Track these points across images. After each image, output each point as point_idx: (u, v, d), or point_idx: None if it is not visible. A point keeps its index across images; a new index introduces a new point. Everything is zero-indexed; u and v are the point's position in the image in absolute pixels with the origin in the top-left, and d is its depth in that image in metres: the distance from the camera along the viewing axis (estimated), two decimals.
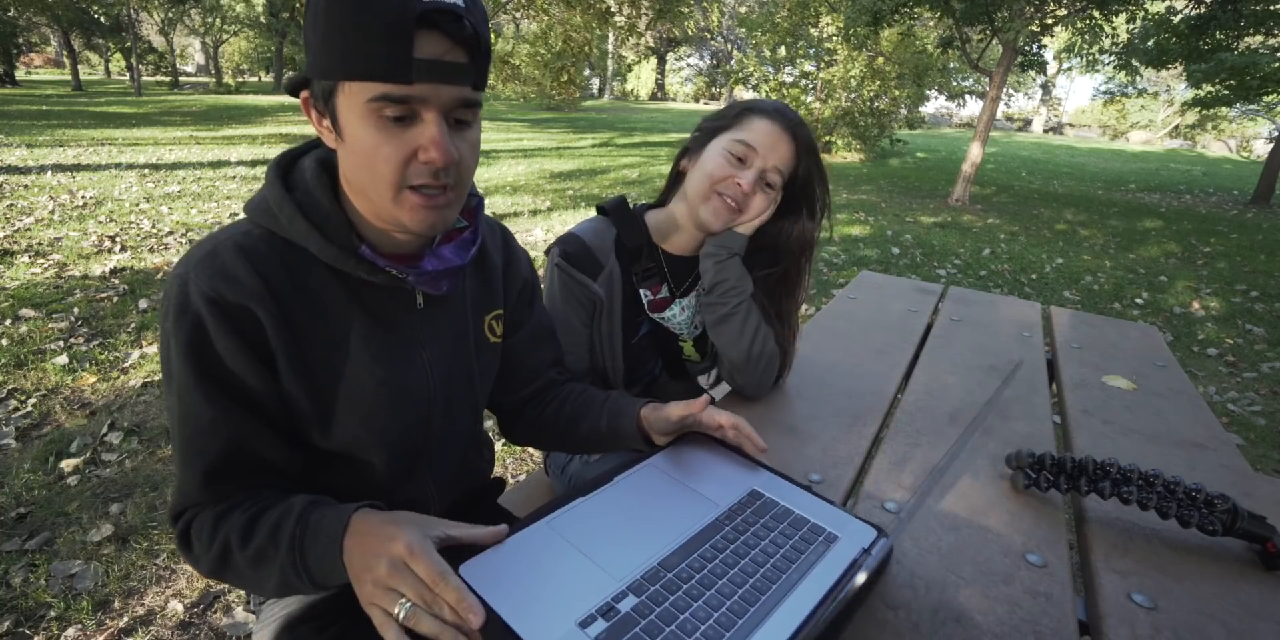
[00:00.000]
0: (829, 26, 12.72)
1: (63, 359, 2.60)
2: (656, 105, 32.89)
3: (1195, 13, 9.26)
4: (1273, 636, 0.71)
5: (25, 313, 3.00)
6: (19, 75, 23.04)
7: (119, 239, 4.24)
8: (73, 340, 2.78)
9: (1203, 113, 17.34)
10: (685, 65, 44.18)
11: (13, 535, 1.69)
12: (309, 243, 0.65)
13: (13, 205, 4.87)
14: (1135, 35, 10.28)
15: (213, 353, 0.63)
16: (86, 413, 2.28)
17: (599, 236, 1.12)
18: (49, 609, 1.48)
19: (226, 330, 0.63)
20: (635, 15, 15.77)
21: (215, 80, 27.64)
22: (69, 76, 22.00)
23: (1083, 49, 9.57)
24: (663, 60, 41.43)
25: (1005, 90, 10.66)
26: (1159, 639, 0.69)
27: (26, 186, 5.54)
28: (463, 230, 0.77)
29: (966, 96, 16.75)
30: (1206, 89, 11.25)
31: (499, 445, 2.21)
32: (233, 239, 0.65)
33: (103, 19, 20.98)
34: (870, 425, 1.10)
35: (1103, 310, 4.45)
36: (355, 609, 0.83)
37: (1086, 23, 8.47)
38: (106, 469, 1.99)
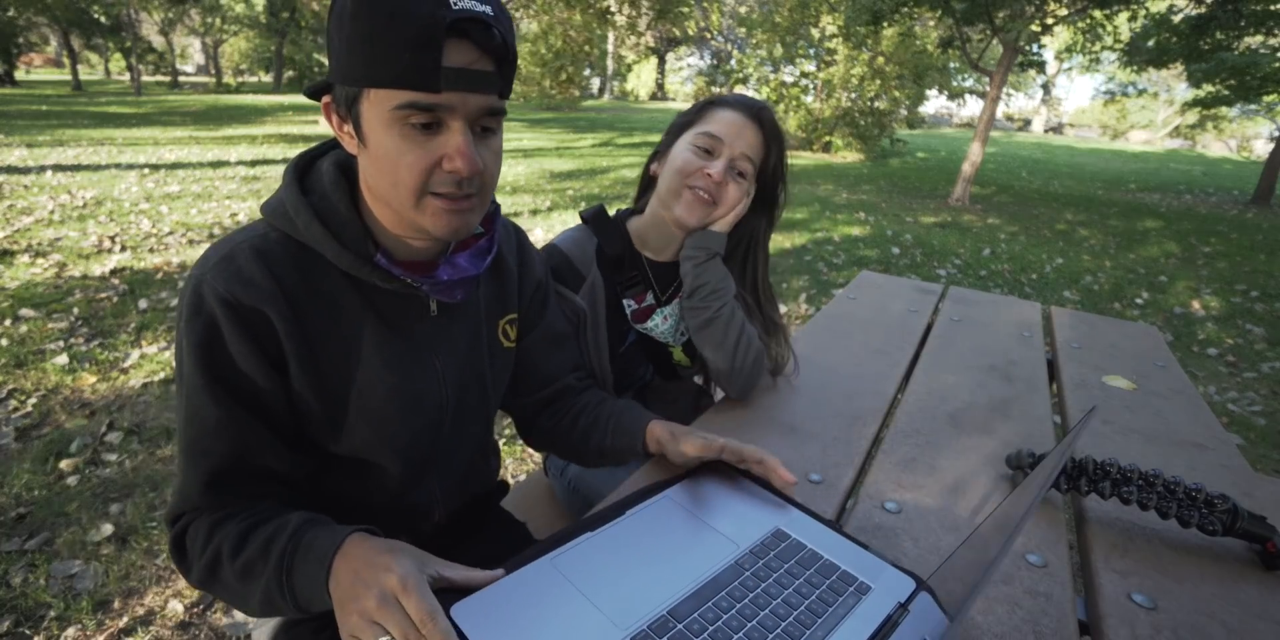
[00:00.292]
0: (829, 26, 12.73)
1: (63, 359, 2.60)
2: (656, 105, 32.88)
3: (1195, 12, 9.26)
4: (1273, 636, 0.71)
5: (25, 313, 3.00)
6: (19, 75, 23.04)
7: (119, 239, 4.24)
8: (73, 340, 2.78)
9: (1203, 113, 17.32)
10: (685, 65, 44.16)
11: (13, 535, 1.69)
12: (324, 248, 0.65)
13: (13, 205, 4.87)
14: (1136, 35, 10.29)
15: (224, 355, 0.63)
16: (86, 413, 2.28)
17: (579, 247, 1.10)
18: (49, 609, 1.48)
19: (240, 333, 0.63)
20: (635, 15, 15.76)
21: (215, 80, 27.63)
22: (69, 76, 22.00)
23: (1084, 48, 9.58)
24: (663, 60, 41.42)
25: (1005, 90, 10.67)
26: (1159, 639, 0.69)
27: (26, 186, 5.54)
28: (479, 237, 0.76)
29: (966, 96, 16.72)
30: (1207, 89, 11.27)
31: (500, 444, 2.20)
32: (249, 242, 0.65)
33: (103, 19, 20.97)
34: (870, 425, 1.10)
35: (1103, 310, 4.45)
36: None
37: (1087, 22, 8.48)
38: (106, 469, 1.99)
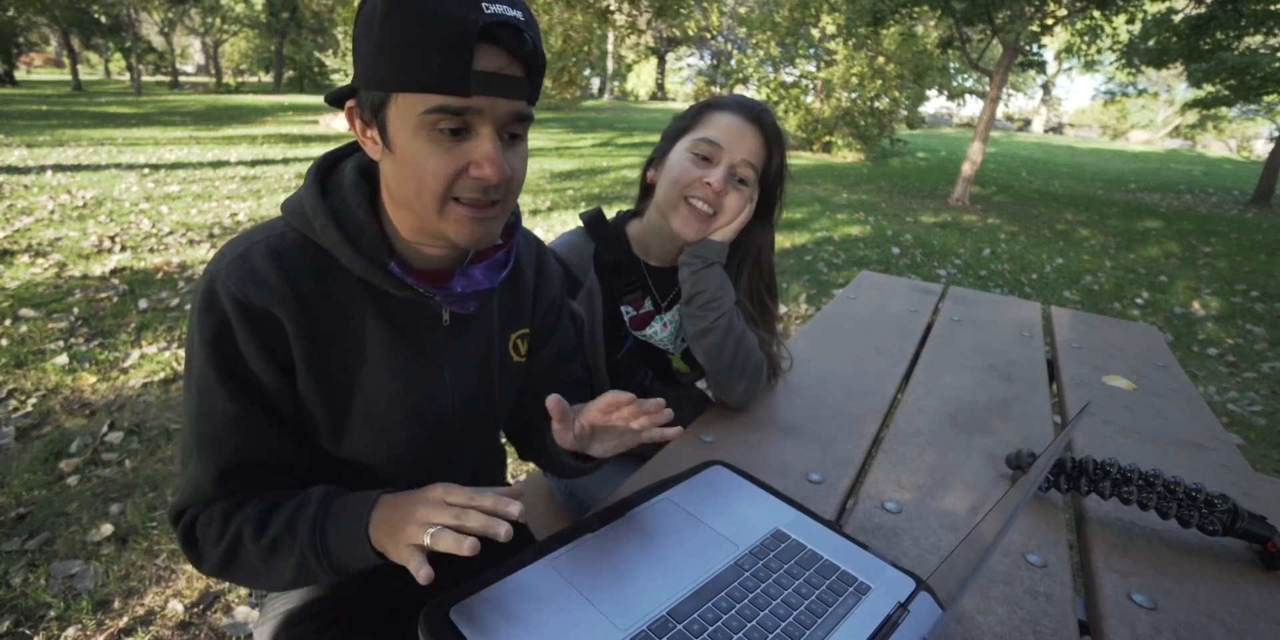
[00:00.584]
0: (829, 26, 12.73)
1: (63, 359, 2.60)
2: (656, 105, 32.88)
3: (1196, 12, 9.26)
4: (1273, 636, 0.71)
5: (25, 313, 3.00)
6: (20, 75, 23.03)
7: (119, 239, 4.24)
8: (73, 340, 2.78)
9: (1203, 113, 17.32)
10: (685, 65, 44.16)
11: (13, 535, 1.69)
12: (339, 252, 0.65)
13: (13, 205, 4.87)
14: (1135, 35, 10.29)
15: (236, 350, 0.63)
16: (86, 413, 2.28)
17: (576, 252, 1.07)
18: (49, 609, 1.48)
19: (250, 332, 0.63)
20: (635, 14, 15.74)
21: (215, 80, 27.62)
22: (69, 76, 22.00)
23: (1081, 50, 9.58)
24: (663, 60, 41.42)
25: (1005, 90, 10.67)
26: (1159, 639, 0.69)
27: (26, 186, 5.54)
28: (497, 249, 0.75)
29: (966, 96, 16.70)
30: (1207, 89, 11.28)
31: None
32: (266, 242, 0.65)
33: (102, 19, 20.96)
34: (870, 425, 1.10)
35: (1103, 310, 4.45)
36: (357, 609, 0.83)
37: (1086, 23, 8.48)
38: (106, 469, 1.99)
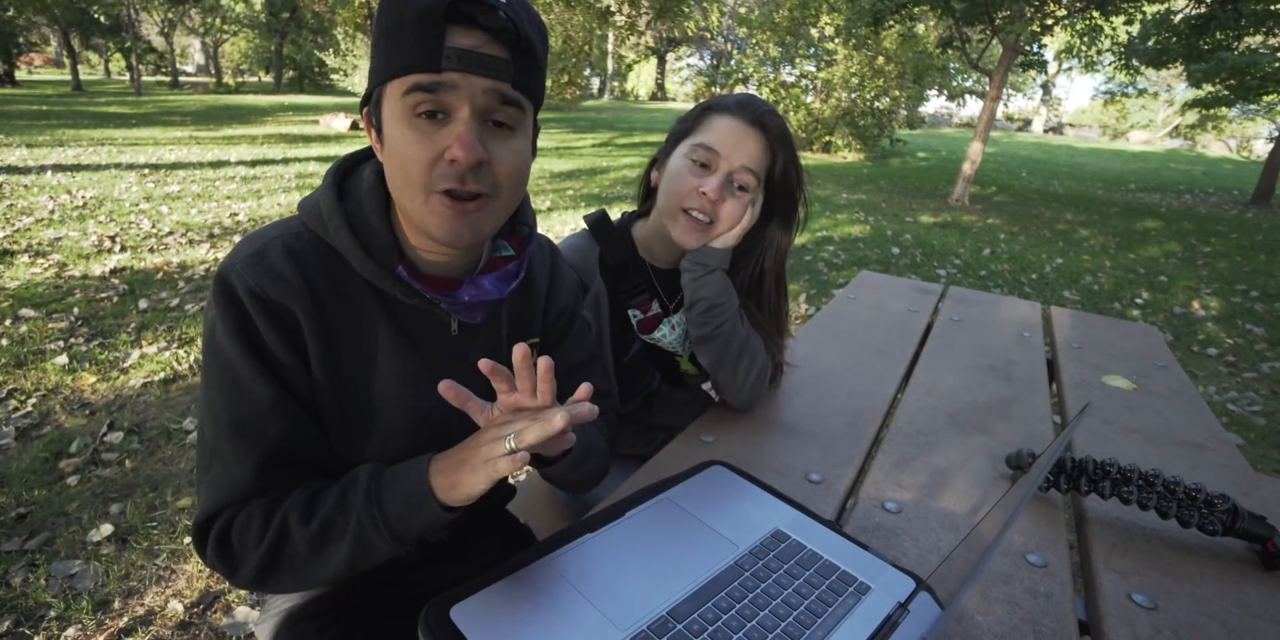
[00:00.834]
0: (828, 27, 12.73)
1: (63, 359, 2.60)
2: (656, 105, 32.88)
3: (1195, 12, 9.26)
4: (1273, 636, 0.71)
5: (25, 313, 3.00)
6: (21, 75, 23.03)
7: (119, 239, 4.24)
8: (73, 340, 2.78)
9: (1203, 113, 17.33)
10: (685, 65, 44.16)
11: (13, 535, 1.69)
12: (350, 256, 0.65)
13: (13, 205, 4.87)
14: (1135, 36, 10.29)
15: (261, 340, 0.63)
16: (86, 413, 2.28)
17: (582, 255, 1.05)
18: (49, 609, 1.48)
19: (269, 324, 0.63)
20: (635, 15, 15.74)
21: (215, 80, 27.63)
22: (69, 76, 21.99)
23: (1080, 51, 9.59)
24: (663, 60, 41.42)
25: (1005, 90, 10.67)
26: (1159, 639, 0.69)
27: (26, 186, 5.54)
28: (509, 260, 0.73)
29: (966, 96, 16.70)
30: (1207, 89, 11.28)
31: None
32: (282, 239, 0.65)
33: (102, 19, 20.96)
34: (870, 425, 1.10)
35: (1103, 310, 4.45)
36: (358, 608, 0.83)
37: (1086, 23, 8.48)
38: (106, 469, 1.99)
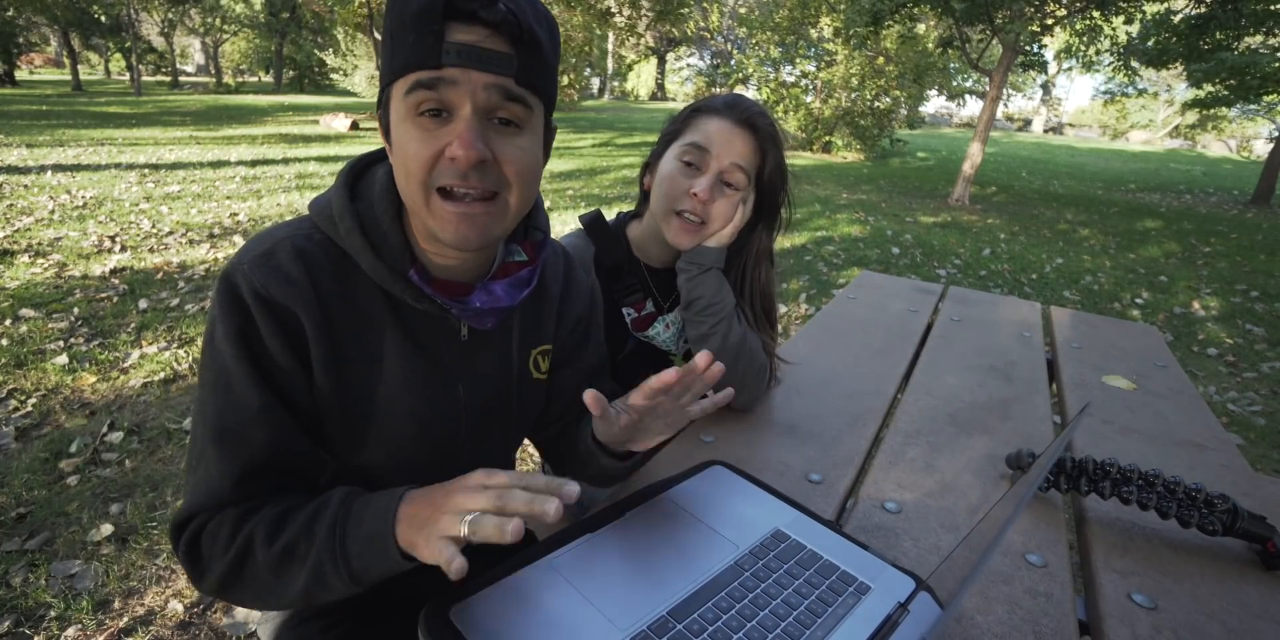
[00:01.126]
0: (827, 27, 12.73)
1: (63, 359, 2.60)
2: (656, 105, 32.87)
3: (1195, 12, 9.26)
4: (1273, 636, 0.71)
5: (25, 313, 3.00)
6: (22, 75, 23.03)
7: (119, 239, 4.24)
8: (73, 340, 2.78)
9: (1203, 113, 17.33)
10: (685, 65, 44.14)
11: (13, 535, 1.69)
12: (361, 259, 0.64)
13: (13, 205, 4.87)
14: (1134, 36, 10.29)
15: (262, 344, 0.62)
16: (86, 413, 2.28)
17: (577, 254, 1.06)
18: (49, 609, 1.48)
19: (272, 326, 0.62)
20: (635, 16, 15.74)
21: (215, 80, 27.64)
22: (69, 76, 21.99)
23: (1079, 51, 9.58)
24: (663, 60, 41.41)
25: (1005, 90, 10.66)
26: (1159, 639, 0.69)
27: (26, 186, 5.54)
28: (522, 265, 0.72)
29: (966, 96, 16.72)
30: (1207, 89, 11.27)
31: None
32: (291, 240, 0.64)
33: (103, 19, 20.96)
34: (870, 425, 1.10)
35: (1103, 310, 4.45)
36: (363, 608, 0.83)
37: (1086, 23, 8.48)
38: (106, 469, 1.99)
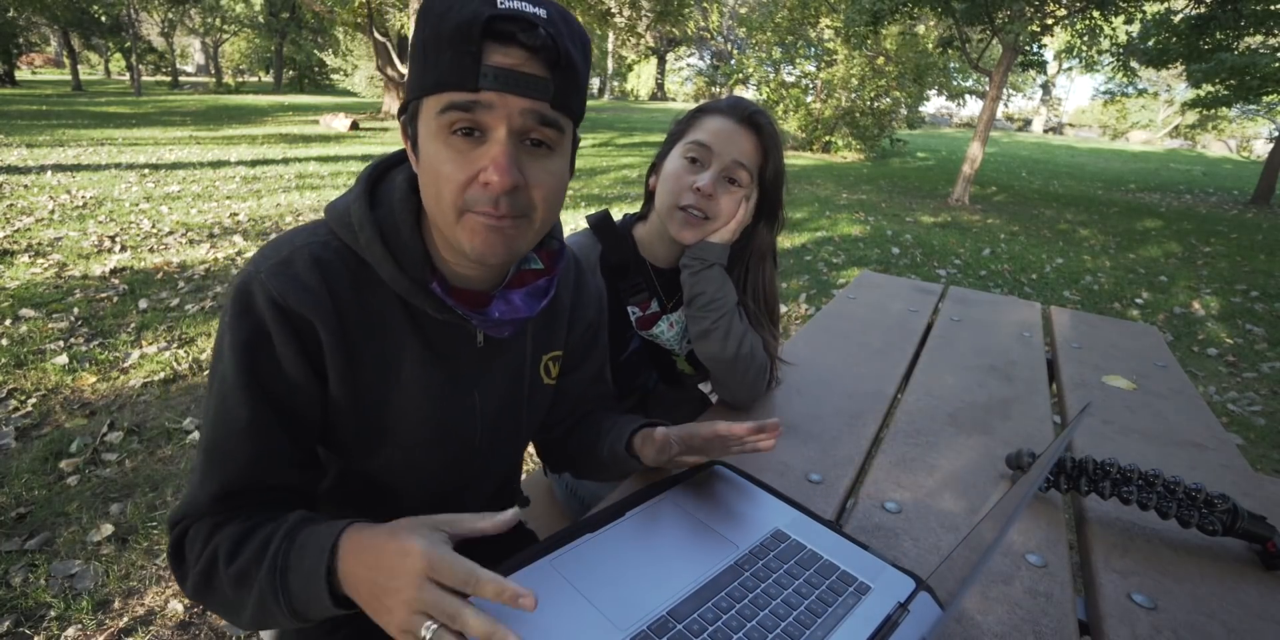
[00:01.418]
0: (827, 28, 12.73)
1: (63, 359, 2.60)
2: (656, 105, 32.86)
3: (1195, 12, 9.26)
4: (1273, 636, 0.71)
5: (25, 313, 3.00)
6: (22, 75, 23.03)
7: (119, 239, 4.24)
8: (73, 340, 2.78)
9: (1203, 113, 17.32)
10: (685, 65, 44.15)
11: (13, 535, 1.69)
12: (381, 269, 0.64)
13: (13, 205, 4.86)
14: (1134, 36, 10.29)
15: (268, 356, 0.62)
16: (86, 413, 2.28)
17: (584, 253, 1.08)
18: (49, 609, 1.48)
19: (287, 336, 0.62)
20: (635, 17, 15.72)
21: (215, 80, 27.64)
22: (69, 76, 21.99)
23: (1080, 51, 9.58)
24: (663, 60, 41.41)
25: (1005, 90, 10.67)
26: (1159, 639, 0.69)
27: (26, 186, 5.54)
28: (539, 275, 0.73)
29: (966, 96, 16.72)
30: (1207, 89, 11.26)
31: None
32: (309, 248, 0.64)
33: (103, 19, 20.96)
34: (870, 425, 1.10)
35: (1103, 310, 4.45)
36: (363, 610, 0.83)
37: (1086, 23, 8.47)
38: (106, 469, 1.99)
